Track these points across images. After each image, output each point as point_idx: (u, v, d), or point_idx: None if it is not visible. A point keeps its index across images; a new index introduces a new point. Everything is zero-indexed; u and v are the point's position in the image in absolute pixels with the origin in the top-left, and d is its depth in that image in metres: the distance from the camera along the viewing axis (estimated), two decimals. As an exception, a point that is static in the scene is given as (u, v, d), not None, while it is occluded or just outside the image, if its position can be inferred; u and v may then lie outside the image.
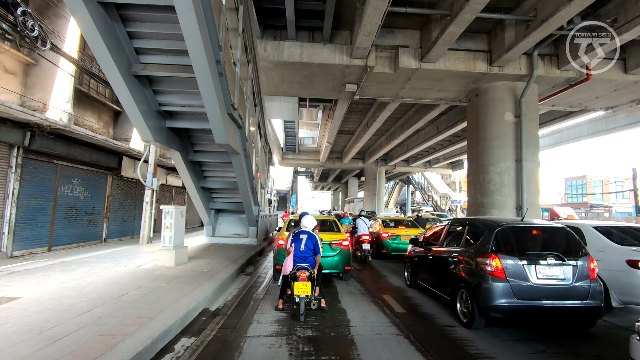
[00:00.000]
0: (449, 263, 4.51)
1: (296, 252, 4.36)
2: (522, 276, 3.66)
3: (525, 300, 3.62)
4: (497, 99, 11.19)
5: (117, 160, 9.35)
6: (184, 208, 6.43)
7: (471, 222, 4.65)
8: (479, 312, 3.74)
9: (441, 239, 5.11)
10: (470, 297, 3.88)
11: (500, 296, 3.62)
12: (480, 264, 3.84)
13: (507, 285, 3.63)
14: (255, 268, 7.49)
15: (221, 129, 5.88)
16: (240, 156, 7.44)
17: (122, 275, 5.22)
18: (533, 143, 11.16)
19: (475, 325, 3.81)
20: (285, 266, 4.36)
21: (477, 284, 3.80)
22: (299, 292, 4.02)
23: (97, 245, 8.73)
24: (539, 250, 3.89)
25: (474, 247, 4.14)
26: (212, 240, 10.21)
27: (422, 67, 10.31)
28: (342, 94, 12.81)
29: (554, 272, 3.70)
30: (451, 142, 22.97)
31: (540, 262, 3.71)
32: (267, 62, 10.39)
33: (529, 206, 10.71)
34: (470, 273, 3.98)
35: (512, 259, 3.73)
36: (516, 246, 3.92)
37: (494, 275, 3.69)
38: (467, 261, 4.13)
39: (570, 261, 3.74)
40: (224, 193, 10.11)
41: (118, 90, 5.23)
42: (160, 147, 6.78)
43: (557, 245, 3.97)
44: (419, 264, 5.59)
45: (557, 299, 3.63)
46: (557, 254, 3.77)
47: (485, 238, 4.01)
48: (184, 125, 6.83)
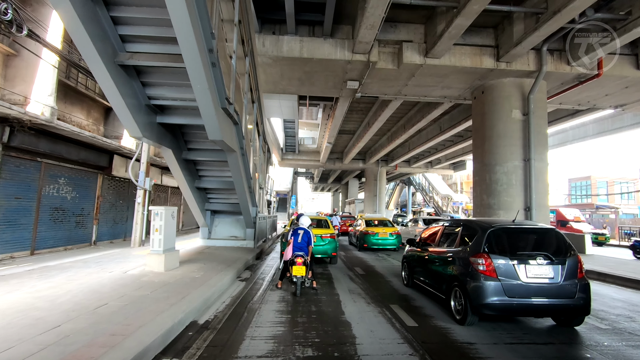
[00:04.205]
0: (444, 263, 4.71)
1: (294, 244, 5.50)
2: (513, 275, 3.83)
3: (516, 298, 3.77)
4: (504, 96, 10.79)
5: (108, 159, 8.89)
6: (175, 209, 6.00)
7: (465, 223, 4.85)
8: (471, 309, 3.90)
9: (437, 239, 5.27)
10: (463, 295, 4.05)
11: (492, 294, 3.78)
12: (473, 264, 4.01)
13: (499, 284, 3.80)
14: (252, 273, 7.07)
15: (215, 124, 5.46)
16: (236, 154, 7.01)
17: (105, 282, 4.79)
18: (541, 142, 10.75)
19: (468, 322, 3.97)
20: (286, 253, 5.56)
21: (470, 283, 3.97)
22: (296, 273, 5.16)
23: (86, 248, 8.28)
24: (529, 251, 4.05)
25: (467, 248, 4.30)
26: (208, 243, 9.77)
27: (427, 62, 9.92)
28: (343, 92, 12.41)
29: (543, 272, 3.86)
30: (453, 142, 22.57)
31: (530, 262, 3.87)
32: (266, 58, 9.99)
33: (538, 207, 10.30)
34: (463, 272, 4.15)
35: (503, 258, 3.90)
36: (507, 246, 4.07)
37: (486, 274, 3.86)
38: (461, 261, 4.29)
39: (558, 261, 3.89)
40: (221, 193, 9.68)
41: (102, 82, 4.81)
42: (151, 144, 6.36)
43: (546, 245, 4.12)
44: (416, 264, 5.77)
45: (546, 297, 3.80)
46: (547, 254, 3.93)
47: (478, 239, 4.18)
48: (176, 121, 6.41)
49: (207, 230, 9.88)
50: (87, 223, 8.54)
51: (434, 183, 39.65)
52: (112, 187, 9.69)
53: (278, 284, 5.74)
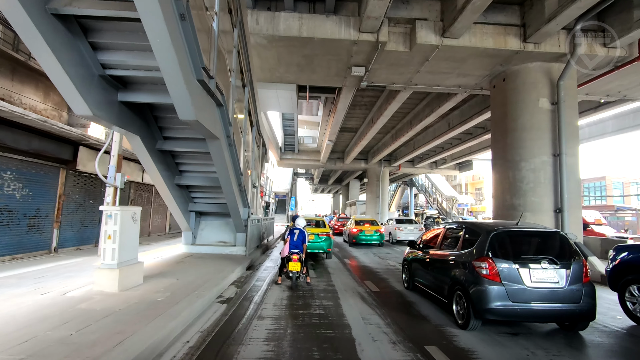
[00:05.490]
0: (446, 266, 4.61)
1: (291, 242, 6.04)
2: (517, 279, 3.75)
3: (520, 303, 3.69)
4: (530, 82, 9.55)
5: (72, 151, 7.53)
6: (137, 210, 4.72)
7: (467, 226, 4.74)
8: (474, 314, 3.83)
9: (438, 242, 5.16)
10: (466, 299, 3.97)
11: (495, 299, 3.70)
12: (476, 268, 3.93)
13: (502, 288, 3.72)
14: (238, 289, 5.62)
15: (185, 99, 4.18)
16: (220, 143, 5.73)
17: (21, 311, 3.43)
18: (573, 134, 9.51)
19: (470, 326, 3.90)
20: (283, 251, 6.12)
21: (472, 287, 3.89)
22: (292, 268, 5.70)
23: (42, 257, 6.90)
24: (533, 254, 3.96)
25: (470, 251, 4.21)
26: (192, 250, 8.45)
27: (444, 43, 8.69)
28: (347, 80, 11.16)
29: (548, 276, 3.77)
30: (461, 141, 21.36)
31: (534, 266, 3.79)
32: (260, 38, 8.74)
33: (570, 209, 9.03)
34: (466, 276, 4.07)
35: (506, 262, 3.82)
36: (511, 250, 3.99)
37: (489, 278, 3.78)
38: (463, 264, 4.21)
39: (563, 265, 3.81)
40: (207, 192, 8.40)
41: (28, 37, 3.53)
42: (110, 127, 5.06)
43: (551, 249, 4.05)
44: (417, 267, 5.65)
45: (551, 302, 3.72)
46: (551, 257, 3.84)
47: (481, 242, 4.10)
48: (143, 99, 5.13)
49: (192, 235, 8.56)
50: (44, 227, 7.17)
51: (438, 184, 38.40)
52: (79, 185, 8.33)
53: (278, 280, 6.23)
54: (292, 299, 5.14)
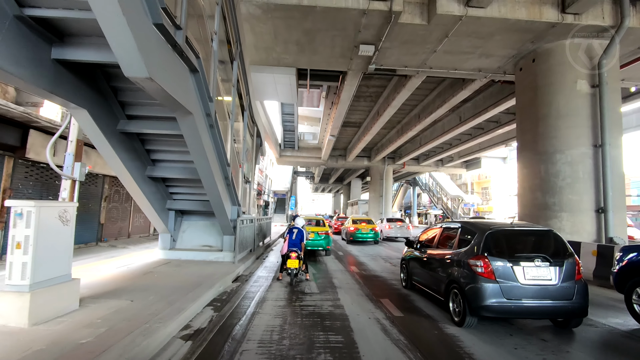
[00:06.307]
0: (443, 265, 4.66)
1: (289, 240, 6.46)
2: (511, 277, 3.81)
3: (514, 300, 3.76)
4: (565, 62, 8.25)
5: (20, 136, 6.15)
6: (69, 206, 3.40)
7: (463, 225, 4.77)
8: (470, 311, 3.87)
9: (435, 241, 5.22)
10: (462, 297, 4.01)
11: (490, 296, 3.75)
12: (472, 266, 3.98)
13: (497, 286, 3.78)
14: (216, 313, 4.18)
15: (130, 46, 2.88)
16: (193, 119, 4.43)
17: None
18: (616, 122, 8.22)
19: (466, 324, 3.93)
20: (282, 249, 6.55)
21: (468, 285, 3.94)
22: (290, 265, 6.11)
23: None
24: (527, 253, 4.02)
25: (466, 250, 4.27)
26: (170, 255, 7.13)
27: (469, 13, 7.40)
28: (353, 63, 9.88)
29: (541, 273, 3.83)
30: (471, 136, 20.08)
31: (528, 264, 3.84)
32: (253, 7, 7.44)
33: (614, 209, 7.72)
34: (462, 274, 4.12)
35: (501, 260, 3.88)
36: (505, 249, 4.05)
37: (484, 276, 3.84)
38: (459, 263, 4.25)
39: (556, 263, 3.86)
40: (190, 187, 7.09)
41: None
42: (34, 90, 3.66)
43: (544, 247, 4.11)
44: (414, 266, 5.70)
45: (544, 299, 3.79)
46: (545, 255, 3.89)
47: (476, 241, 4.17)
48: (87, 57, 3.82)
49: (170, 238, 7.24)
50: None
51: (443, 183, 37.07)
52: (32, 176, 6.98)
53: (279, 276, 6.53)
54: (284, 328, 3.85)
